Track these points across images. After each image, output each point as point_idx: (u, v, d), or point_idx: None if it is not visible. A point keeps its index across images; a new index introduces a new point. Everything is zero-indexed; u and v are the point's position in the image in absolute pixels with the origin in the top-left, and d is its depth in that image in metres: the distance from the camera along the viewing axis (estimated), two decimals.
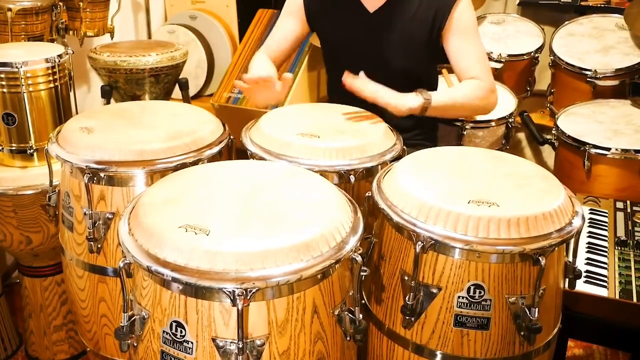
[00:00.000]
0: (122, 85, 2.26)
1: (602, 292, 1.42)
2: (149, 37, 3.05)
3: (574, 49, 2.62)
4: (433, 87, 1.84)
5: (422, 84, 1.66)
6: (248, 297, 0.95)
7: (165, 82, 2.31)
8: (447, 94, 1.69)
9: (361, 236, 1.10)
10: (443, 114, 1.69)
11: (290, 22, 1.82)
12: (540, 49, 2.78)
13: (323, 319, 1.06)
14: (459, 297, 1.14)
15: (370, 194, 1.28)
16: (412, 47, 1.72)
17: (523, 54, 2.75)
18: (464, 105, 1.66)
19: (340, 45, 1.81)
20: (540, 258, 1.10)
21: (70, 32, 2.28)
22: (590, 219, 1.73)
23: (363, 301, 1.31)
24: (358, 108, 1.69)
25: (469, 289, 1.14)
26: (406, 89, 1.58)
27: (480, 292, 1.13)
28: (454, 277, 1.14)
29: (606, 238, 1.64)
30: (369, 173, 1.43)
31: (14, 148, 1.75)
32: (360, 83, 1.54)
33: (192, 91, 2.71)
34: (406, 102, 1.54)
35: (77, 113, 1.93)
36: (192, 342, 1.00)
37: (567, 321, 1.34)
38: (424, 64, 1.79)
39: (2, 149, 1.75)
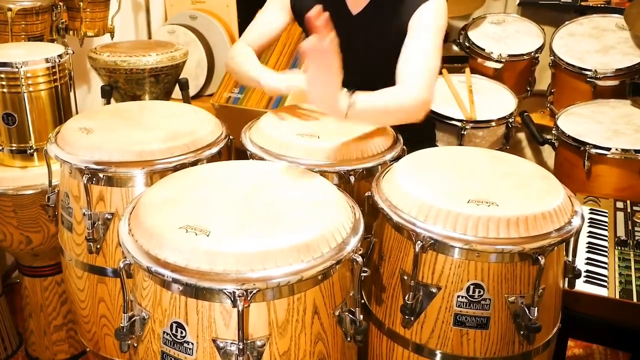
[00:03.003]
0: (122, 85, 2.26)
1: (602, 291, 1.42)
2: (149, 37, 3.05)
3: (574, 49, 2.62)
4: None
5: None
6: (248, 298, 0.95)
7: (165, 82, 2.31)
8: (373, 99, 1.42)
9: (362, 237, 1.10)
10: (366, 119, 1.49)
11: (277, 14, 1.79)
12: (540, 49, 2.78)
13: (323, 319, 1.06)
14: (458, 296, 1.14)
15: (370, 194, 1.28)
16: (395, 49, 1.69)
17: (523, 54, 2.75)
18: (386, 114, 1.46)
19: None
20: (539, 257, 1.10)
21: (70, 32, 2.28)
22: (590, 218, 1.73)
23: (363, 301, 1.31)
24: None
25: (468, 288, 1.14)
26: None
27: (479, 292, 1.13)
28: (454, 277, 1.14)
29: (606, 238, 1.64)
30: (369, 173, 1.43)
31: (14, 148, 1.75)
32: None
33: (192, 91, 2.71)
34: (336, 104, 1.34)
35: (77, 113, 1.93)
36: (192, 343, 1.00)
37: (566, 321, 1.34)
38: None
39: (2, 149, 1.75)
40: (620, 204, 1.82)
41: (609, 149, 2.01)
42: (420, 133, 1.84)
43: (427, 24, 1.56)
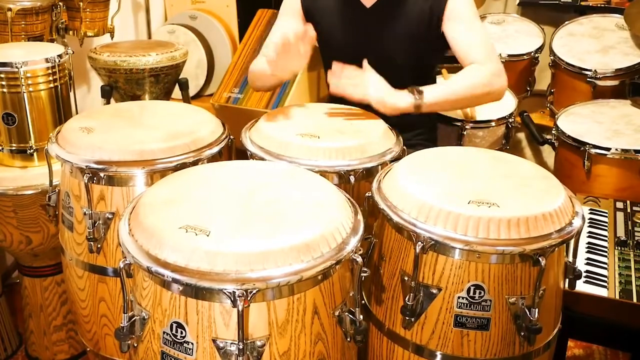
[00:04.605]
0: (122, 85, 2.26)
1: (602, 292, 1.42)
2: (149, 37, 3.05)
3: (574, 49, 2.62)
4: (435, 80, 1.83)
5: (424, 78, 1.64)
6: (248, 298, 0.95)
7: (165, 82, 2.31)
8: (443, 88, 1.63)
9: (362, 237, 1.10)
10: (442, 108, 1.67)
11: (290, 23, 1.82)
12: (540, 49, 2.78)
13: (323, 319, 1.06)
14: (459, 297, 1.14)
15: (370, 194, 1.28)
16: (411, 41, 1.72)
17: (523, 54, 2.74)
18: (466, 96, 1.61)
19: (339, 43, 1.81)
20: (540, 258, 1.10)
21: (70, 32, 2.28)
22: (590, 219, 1.73)
23: (363, 301, 1.31)
24: (358, 108, 1.69)
25: (469, 289, 1.14)
26: (408, 83, 1.58)
27: (480, 293, 1.13)
28: (454, 278, 1.14)
29: (606, 238, 1.64)
30: (369, 173, 1.43)
31: (14, 148, 1.75)
32: (342, 88, 1.54)
33: (192, 91, 2.71)
34: (395, 101, 1.52)
35: (77, 113, 1.93)
36: (192, 343, 1.00)
37: (567, 321, 1.34)
38: (424, 57, 1.79)
39: (2, 149, 1.75)
40: (620, 204, 1.82)
41: (608, 149, 2.01)
42: (421, 134, 1.85)
43: (467, 3, 1.70)
